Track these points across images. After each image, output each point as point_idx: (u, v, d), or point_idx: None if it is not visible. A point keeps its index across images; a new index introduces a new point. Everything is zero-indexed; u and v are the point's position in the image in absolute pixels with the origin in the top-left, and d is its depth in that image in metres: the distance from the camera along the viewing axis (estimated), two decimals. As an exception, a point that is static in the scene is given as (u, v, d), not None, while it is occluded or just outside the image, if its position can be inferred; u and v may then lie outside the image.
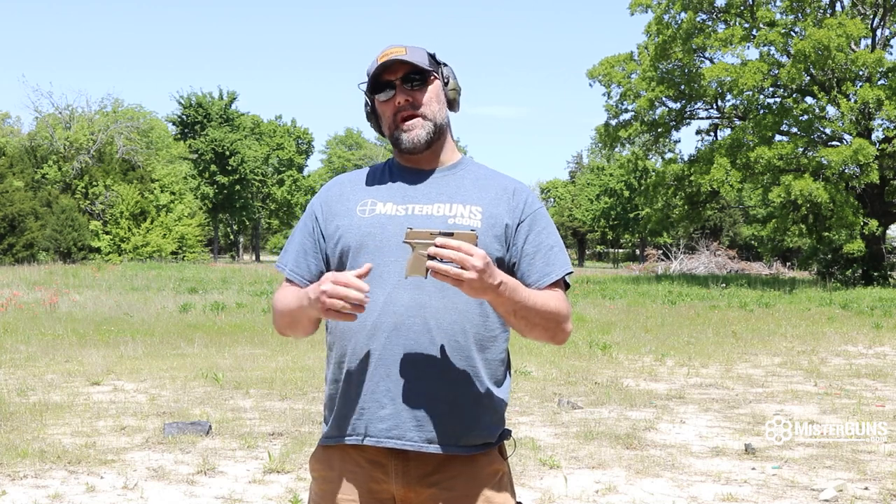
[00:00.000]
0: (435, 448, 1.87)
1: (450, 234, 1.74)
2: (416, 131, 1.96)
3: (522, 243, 1.97)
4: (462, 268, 1.70)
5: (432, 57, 2.02)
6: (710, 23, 29.84)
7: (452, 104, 2.04)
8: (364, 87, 2.02)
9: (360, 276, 1.77)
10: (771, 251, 37.84)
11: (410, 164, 2.03)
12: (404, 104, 1.95)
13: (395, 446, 1.88)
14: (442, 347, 1.87)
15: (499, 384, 1.96)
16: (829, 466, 5.31)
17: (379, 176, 2.05)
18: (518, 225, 1.97)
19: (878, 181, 26.23)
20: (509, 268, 1.97)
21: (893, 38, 29.24)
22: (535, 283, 1.95)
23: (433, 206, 1.96)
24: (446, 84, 2.02)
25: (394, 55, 1.94)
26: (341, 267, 1.95)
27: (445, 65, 2.04)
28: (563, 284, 2.01)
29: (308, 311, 1.87)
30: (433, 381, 1.87)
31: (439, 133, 2.00)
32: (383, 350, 1.88)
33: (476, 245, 1.73)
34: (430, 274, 1.73)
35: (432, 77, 1.99)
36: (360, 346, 1.91)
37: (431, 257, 1.72)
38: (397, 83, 1.95)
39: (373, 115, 2.04)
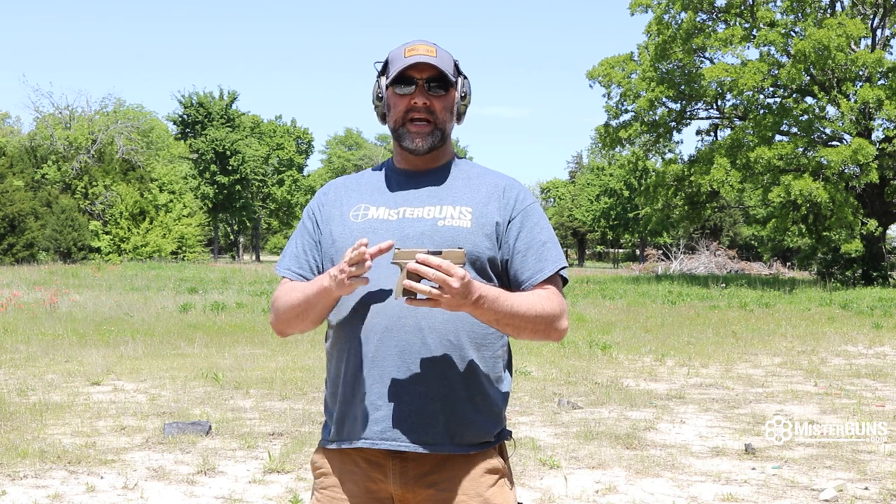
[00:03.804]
0: (430, 448, 1.87)
1: (438, 253, 1.72)
2: (423, 138, 1.96)
3: (514, 240, 1.97)
4: (440, 288, 1.70)
5: (456, 66, 2.03)
6: (710, 23, 29.85)
7: (460, 117, 2.05)
8: (379, 66, 2.03)
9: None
10: (771, 251, 37.85)
11: (405, 166, 2.04)
12: (420, 107, 1.95)
13: (391, 448, 1.88)
14: (435, 348, 1.87)
15: (496, 382, 1.96)
16: (829, 466, 5.31)
17: (374, 180, 2.06)
18: (509, 222, 1.97)
19: (877, 181, 26.24)
20: (502, 265, 1.97)
21: (893, 38, 29.25)
22: (527, 280, 1.95)
23: (424, 208, 1.96)
24: (462, 98, 2.03)
25: (424, 55, 1.94)
26: None
27: (466, 77, 2.05)
28: (558, 279, 2.00)
29: (331, 293, 1.85)
30: (426, 381, 1.87)
31: (443, 142, 2.01)
32: (376, 352, 1.88)
33: (464, 262, 1.73)
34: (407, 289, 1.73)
35: (453, 88, 1.99)
36: (354, 350, 1.91)
37: (411, 274, 1.71)
38: (419, 83, 1.95)
39: (381, 99, 2.03)
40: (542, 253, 1.97)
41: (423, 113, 1.95)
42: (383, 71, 2.02)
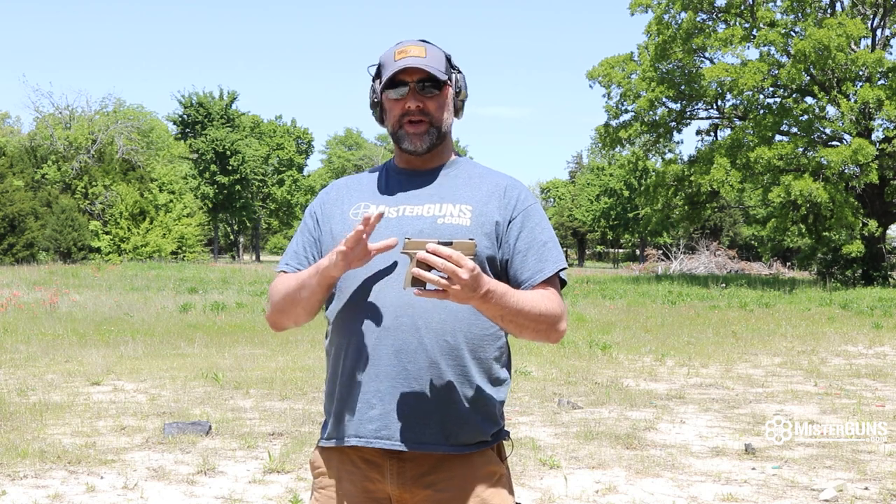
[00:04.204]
0: (425, 448, 1.87)
1: (448, 243, 1.72)
2: (421, 138, 1.96)
3: (515, 240, 1.96)
4: (448, 279, 1.70)
5: (448, 60, 2.02)
6: (710, 23, 29.85)
7: (458, 112, 2.05)
8: (373, 70, 2.03)
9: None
10: (771, 251, 37.84)
11: (406, 166, 2.05)
12: (414, 110, 1.95)
13: (385, 447, 1.88)
14: (431, 347, 1.87)
15: (494, 382, 1.95)
16: (829, 466, 5.31)
17: (375, 179, 2.07)
18: (510, 222, 1.97)
19: (877, 181, 26.24)
20: (502, 265, 1.97)
21: (893, 38, 29.26)
22: (527, 280, 1.95)
23: (423, 206, 1.96)
24: (458, 94, 2.03)
25: (413, 58, 1.93)
26: None
27: (459, 71, 2.05)
28: (557, 281, 2.00)
29: (323, 271, 1.86)
30: (422, 380, 1.87)
31: (441, 139, 2.01)
32: (373, 351, 1.89)
33: (475, 254, 1.73)
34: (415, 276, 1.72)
35: (446, 86, 1.99)
36: (351, 348, 1.91)
37: (420, 263, 1.71)
38: (411, 86, 1.95)
39: (377, 105, 2.04)
40: (543, 253, 1.97)
41: (417, 115, 1.95)
42: (377, 74, 2.02)
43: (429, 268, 1.71)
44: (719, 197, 32.29)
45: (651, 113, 30.15)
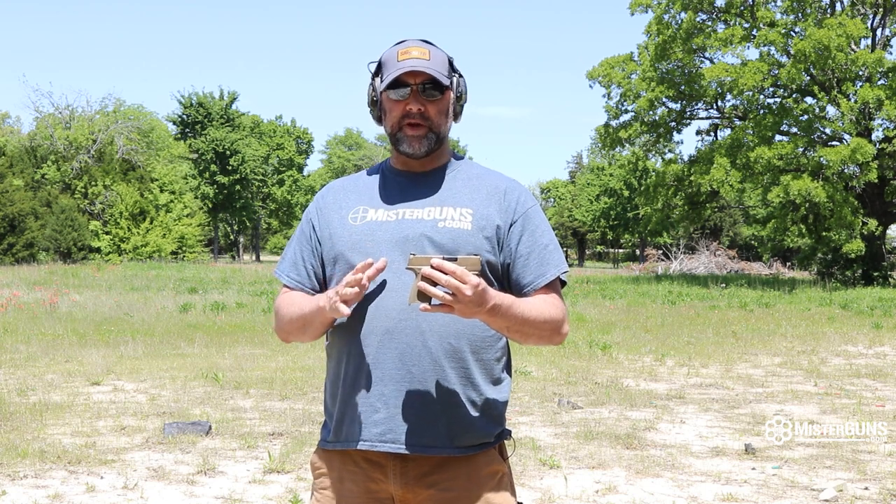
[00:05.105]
0: (430, 451, 1.88)
1: (453, 259, 1.72)
2: (420, 141, 1.95)
3: (516, 244, 1.96)
4: (452, 294, 1.70)
5: (451, 64, 2.01)
6: (710, 23, 29.84)
7: (457, 116, 2.04)
8: (373, 67, 2.02)
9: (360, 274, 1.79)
10: (771, 251, 37.83)
11: (403, 167, 2.03)
12: (415, 112, 1.94)
13: (391, 451, 1.88)
14: (435, 350, 1.87)
15: (496, 384, 1.96)
16: (829, 466, 5.31)
17: (372, 182, 2.05)
18: (511, 226, 1.96)
19: (877, 181, 26.22)
20: (503, 269, 1.97)
21: (893, 37, 29.25)
22: (529, 284, 1.95)
23: (424, 210, 1.95)
24: (458, 98, 2.02)
25: (418, 59, 1.92)
26: (334, 273, 1.96)
27: (461, 75, 2.03)
28: (558, 283, 2.00)
29: (326, 314, 1.86)
30: (426, 384, 1.87)
31: (440, 144, 2.00)
32: (376, 355, 1.88)
33: (480, 269, 1.74)
34: (420, 295, 1.73)
35: (448, 90, 1.98)
36: (354, 352, 1.91)
37: (425, 278, 1.71)
38: (414, 88, 1.93)
39: (375, 104, 2.03)
40: (545, 257, 1.97)
41: (417, 118, 1.94)
42: (377, 72, 2.01)
43: (433, 283, 1.71)
44: (719, 197, 32.28)
45: (651, 113, 30.14)
